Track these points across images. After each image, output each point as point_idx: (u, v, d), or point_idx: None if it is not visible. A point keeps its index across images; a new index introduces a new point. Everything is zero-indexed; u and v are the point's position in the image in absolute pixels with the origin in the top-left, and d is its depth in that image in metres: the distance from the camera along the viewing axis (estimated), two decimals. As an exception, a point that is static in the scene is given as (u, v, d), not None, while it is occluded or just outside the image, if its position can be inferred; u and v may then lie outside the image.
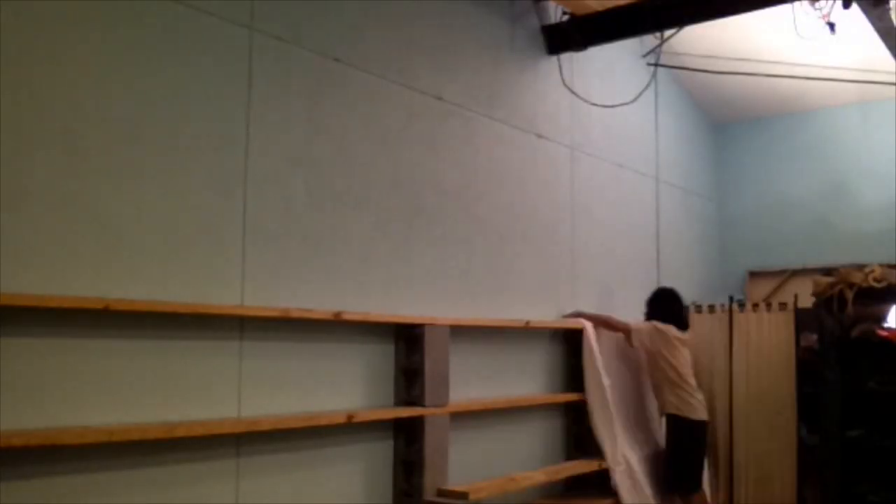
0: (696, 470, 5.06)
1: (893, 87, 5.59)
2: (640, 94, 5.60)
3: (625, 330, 4.97)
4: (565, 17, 4.97)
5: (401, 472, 3.67)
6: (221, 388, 2.99)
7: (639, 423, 5.13)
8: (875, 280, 5.16)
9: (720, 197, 6.94)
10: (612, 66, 5.56)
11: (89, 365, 2.62)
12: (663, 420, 5.06)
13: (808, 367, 5.55)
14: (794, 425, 5.57)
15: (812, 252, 6.28)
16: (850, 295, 5.18)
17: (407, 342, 3.75)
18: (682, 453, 4.96)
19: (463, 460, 3.96)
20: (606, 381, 4.74)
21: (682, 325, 5.12)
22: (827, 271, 5.50)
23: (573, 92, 5.17)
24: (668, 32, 5.46)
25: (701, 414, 4.98)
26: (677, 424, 4.96)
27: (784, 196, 6.58)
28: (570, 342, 4.90)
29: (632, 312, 5.72)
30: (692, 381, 5.01)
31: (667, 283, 6.07)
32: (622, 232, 5.67)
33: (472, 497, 3.58)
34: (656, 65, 5.83)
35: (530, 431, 4.58)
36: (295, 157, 3.41)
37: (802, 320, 5.64)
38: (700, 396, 5.01)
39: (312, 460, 3.34)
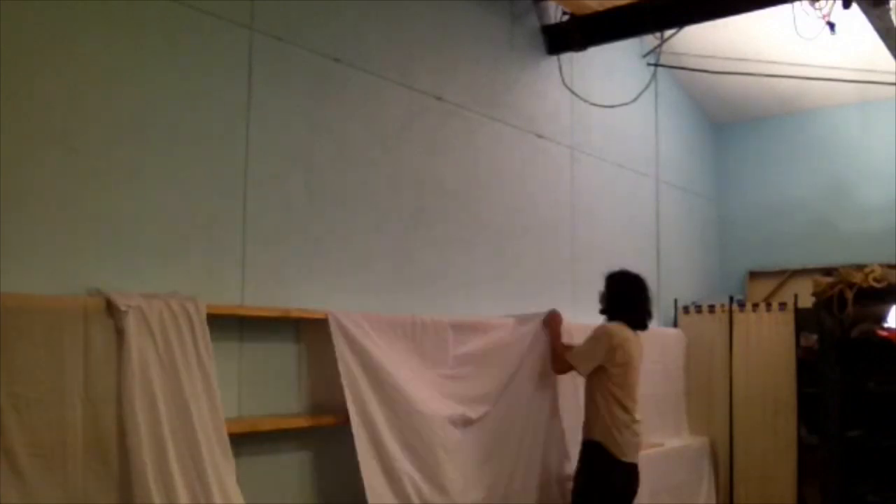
0: None
1: (893, 87, 5.59)
2: (640, 94, 5.60)
3: (567, 368, 4.05)
4: (565, 17, 4.97)
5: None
6: (221, 388, 2.98)
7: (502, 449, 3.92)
8: (875, 280, 5.16)
9: (720, 197, 6.94)
10: (612, 66, 5.55)
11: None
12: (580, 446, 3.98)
13: (808, 367, 5.56)
14: (794, 425, 5.58)
15: (812, 252, 6.28)
16: (850, 295, 5.19)
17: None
18: (590, 496, 3.86)
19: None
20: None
21: (642, 322, 4.03)
22: (827, 271, 5.51)
23: (573, 92, 5.17)
24: (668, 32, 5.46)
25: (628, 454, 3.86)
26: (595, 457, 3.87)
27: (784, 196, 6.58)
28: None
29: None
30: (633, 405, 3.91)
31: (667, 284, 6.10)
32: (622, 232, 5.67)
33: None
34: (656, 65, 5.83)
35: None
36: (295, 157, 3.41)
37: (802, 320, 5.65)
38: (638, 430, 3.90)
39: (313, 460, 3.33)
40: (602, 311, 4.05)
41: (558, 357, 4.09)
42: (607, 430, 3.83)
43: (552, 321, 4.17)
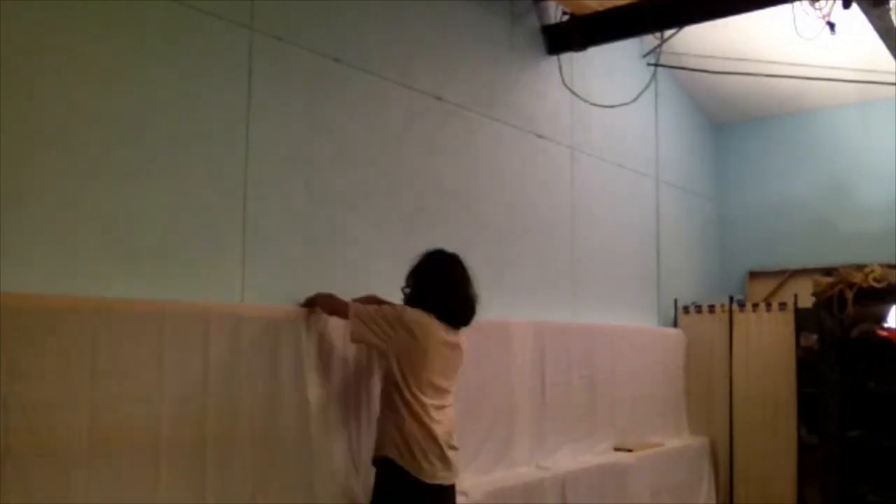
0: None
1: (893, 87, 5.58)
2: (640, 94, 5.60)
3: (342, 312, 3.10)
4: (565, 17, 4.96)
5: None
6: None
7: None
8: (875, 280, 5.16)
9: (720, 197, 6.94)
10: (612, 66, 5.55)
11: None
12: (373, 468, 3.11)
13: (808, 367, 5.56)
14: (794, 425, 5.58)
15: (812, 252, 6.27)
16: (850, 295, 5.18)
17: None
18: None
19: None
20: None
21: (460, 317, 3.14)
22: (827, 271, 5.51)
23: (573, 92, 5.17)
24: (668, 32, 5.46)
25: (437, 475, 2.98)
26: (391, 477, 2.99)
27: (784, 196, 6.57)
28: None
29: (630, 312, 5.72)
30: (442, 418, 3.03)
31: (667, 284, 6.09)
32: (622, 232, 5.67)
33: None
34: (656, 65, 5.83)
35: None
36: (295, 157, 3.41)
37: (802, 320, 5.65)
38: (446, 441, 3.01)
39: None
40: (406, 302, 3.17)
41: (328, 303, 3.17)
42: (402, 445, 2.96)
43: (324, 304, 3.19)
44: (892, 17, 4.53)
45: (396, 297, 3.24)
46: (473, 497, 3.68)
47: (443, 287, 3.12)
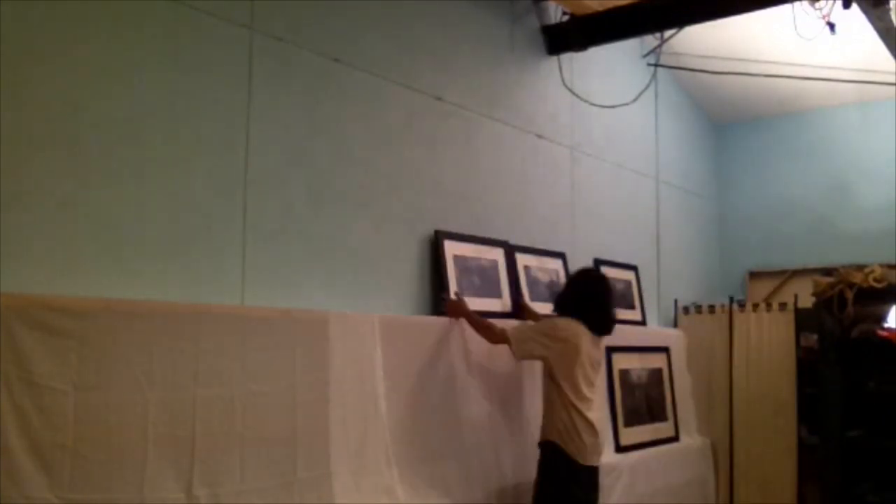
0: None
1: (893, 87, 5.59)
2: (640, 95, 5.60)
3: (503, 340, 3.66)
4: (565, 18, 4.97)
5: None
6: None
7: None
8: (875, 280, 5.16)
9: (720, 197, 6.94)
10: (612, 66, 5.55)
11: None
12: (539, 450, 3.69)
13: (808, 367, 5.56)
14: (794, 425, 5.57)
15: (812, 252, 6.27)
16: (850, 295, 5.18)
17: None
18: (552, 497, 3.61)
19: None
20: None
21: (604, 326, 3.80)
22: (827, 271, 5.50)
23: (573, 92, 5.17)
24: (668, 32, 5.46)
25: (589, 458, 3.60)
26: (553, 461, 3.61)
27: (784, 196, 6.57)
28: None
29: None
30: (586, 405, 3.60)
31: (667, 284, 6.10)
32: (622, 232, 5.67)
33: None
34: (656, 65, 5.83)
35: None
36: (295, 157, 3.41)
37: (802, 320, 5.64)
38: (595, 430, 3.60)
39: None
40: (556, 309, 3.81)
41: (484, 326, 3.72)
42: (564, 432, 3.57)
43: (453, 308, 3.80)
44: (892, 17, 4.54)
45: (395, 294, 3.23)
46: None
47: (594, 301, 3.74)
